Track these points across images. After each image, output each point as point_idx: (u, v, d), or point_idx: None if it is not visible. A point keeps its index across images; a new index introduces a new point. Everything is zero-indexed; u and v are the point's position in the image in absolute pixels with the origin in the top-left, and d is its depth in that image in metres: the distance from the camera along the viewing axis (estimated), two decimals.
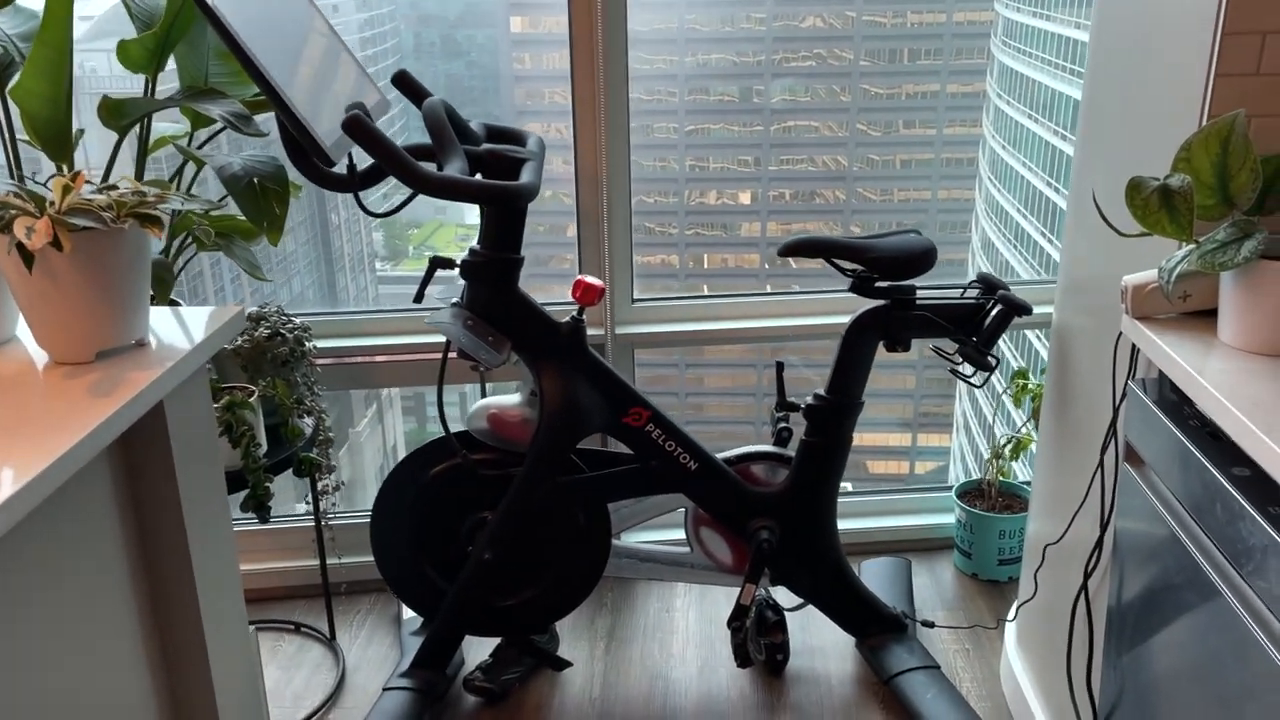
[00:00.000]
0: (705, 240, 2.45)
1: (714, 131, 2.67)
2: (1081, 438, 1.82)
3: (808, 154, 2.70)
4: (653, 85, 2.67)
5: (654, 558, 2.30)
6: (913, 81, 2.64)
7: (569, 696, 2.27)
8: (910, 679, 2.18)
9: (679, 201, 2.82)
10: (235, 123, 1.78)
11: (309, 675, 2.36)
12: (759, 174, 2.78)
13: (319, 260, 3.48)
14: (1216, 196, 1.30)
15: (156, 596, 1.48)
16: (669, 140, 2.71)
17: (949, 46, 2.66)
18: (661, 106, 2.66)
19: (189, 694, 1.54)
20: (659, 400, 2.12)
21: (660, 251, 3.02)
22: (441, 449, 2.14)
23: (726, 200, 2.90)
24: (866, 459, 3.49)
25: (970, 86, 2.67)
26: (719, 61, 2.59)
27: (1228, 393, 1.21)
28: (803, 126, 2.67)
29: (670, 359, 3.34)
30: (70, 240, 1.25)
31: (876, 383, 3.17)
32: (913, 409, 3.49)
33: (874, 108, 2.63)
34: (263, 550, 2.65)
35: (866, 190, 2.76)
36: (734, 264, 2.94)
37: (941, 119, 2.70)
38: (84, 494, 1.31)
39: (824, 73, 2.61)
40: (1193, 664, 1.29)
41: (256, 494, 1.92)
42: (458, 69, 2.63)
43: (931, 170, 2.83)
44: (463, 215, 3.11)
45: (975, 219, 3.22)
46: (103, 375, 1.32)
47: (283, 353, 2.07)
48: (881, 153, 2.73)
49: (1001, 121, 3.41)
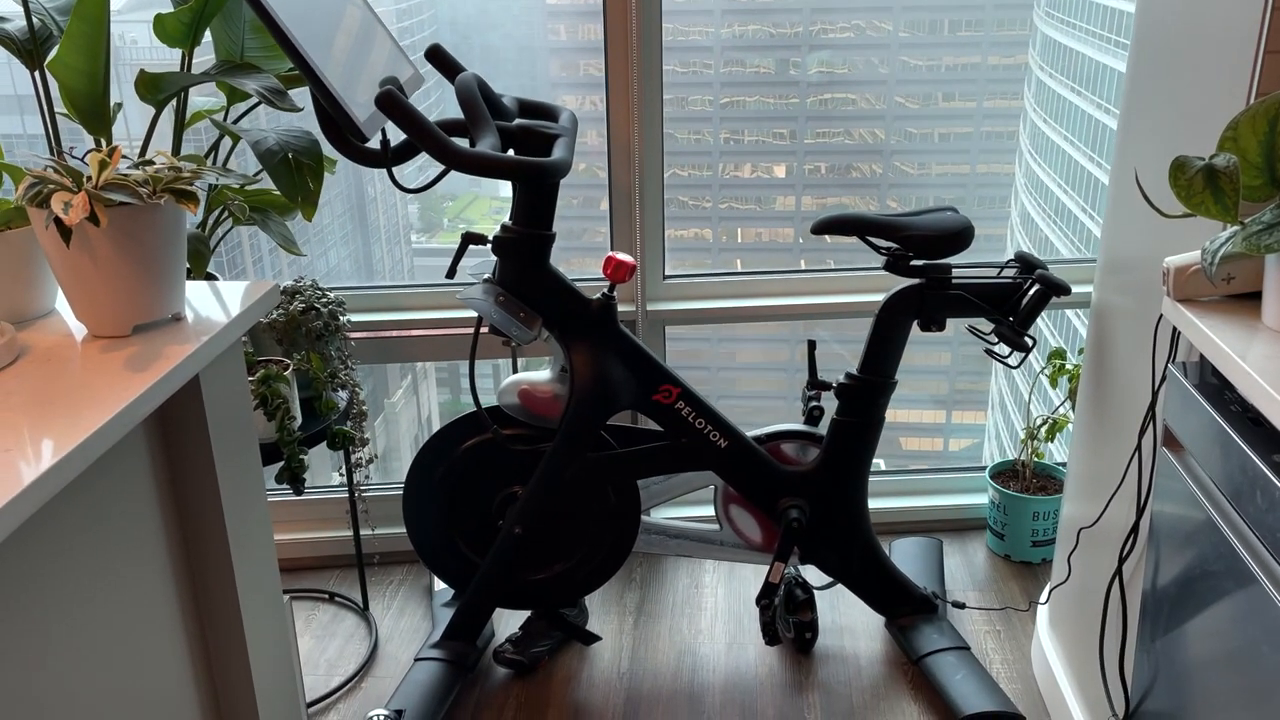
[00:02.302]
0: (739, 214, 2.44)
1: (749, 104, 2.63)
2: (1119, 420, 1.79)
3: (844, 127, 2.65)
4: (687, 57, 2.62)
5: (683, 534, 2.30)
6: (952, 53, 2.58)
7: (597, 670, 2.28)
8: (940, 659, 2.17)
9: (713, 175, 2.79)
10: (270, 97, 1.79)
11: (342, 645, 2.40)
12: (794, 147, 2.74)
13: (355, 233, 3.49)
14: (1264, 177, 1.27)
15: (194, 567, 1.51)
16: (703, 113, 2.67)
17: (990, 18, 2.60)
18: (697, 78, 2.62)
19: (225, 662, 1.57)
20: (690, 374, 2.11)
21: (694, 225, 2.99)
22: (473, 424, 2.15)
23: (761, 174, 2.87)
24: (900, 435, 3.46)
25: (1012, 59, 2.61)
26: (755, 33, 2.55)
27: (1271, 377, 1.18)
28: (840, 99, 2.62)
29: (702, 334, 3.31)
30: (106, 215, 1.26)
31: (911, 359, 3.14)
32: (948, 385, 3.45)
33: (913, 80, 2.58)
34: (298, 521, 2.68)
35: (904, 164, 2.71)
36: (768, 238, 2.91)
37: (982, 92, 2.64)
38: (121, 467, 1.33)
39: (862, 44, 2.56)
40: (1227, 652, 1.27)
41: (291, 466, 1.94)
42: (493, 40, 2.61)
43: (970, 144, 2.77)
44: (498, 189, 3.11)
45: (1015, 194, 3.16)
46: (139, 349, 1.33)
47: (317, 326, 2.08)
48: (920, 126, 2.67)
49: (1043, 95, 3.33)
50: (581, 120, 2.06)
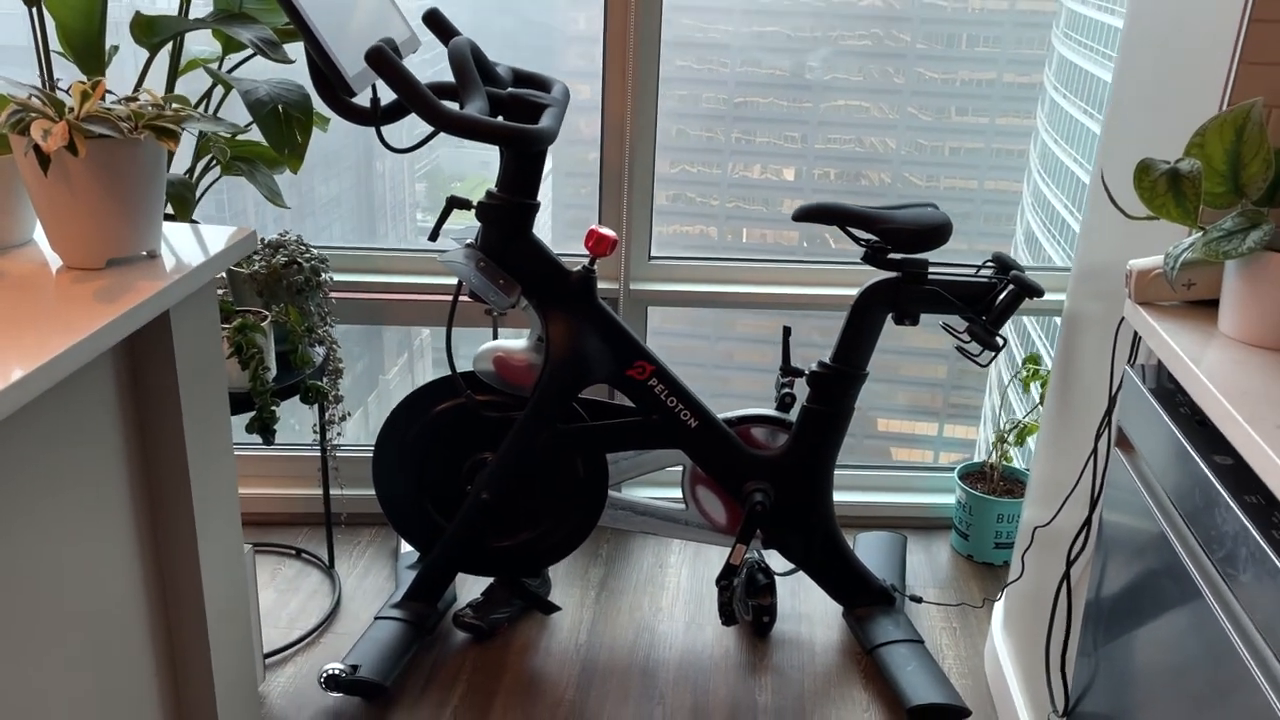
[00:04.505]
0: (745, 214, 2.45)
1: (763, 105, 2.64)
2: (1080, 422, 1.81)
3: (856, 134, 2.67)
4: (706, 54, 2.64)
5: (650, 511, 2.32)
6: (969, 68, 2.60)
7: (555, 640, 2.31)
8: (893, 651, 2.20)
9: (722, 174, 2.79)
10: (264, 48, 1.80)
11: (305, 600, 2.42)
12: (804, 151, 2.75)
13: (360, 207, 3.49)
14: (1227, 185, 1.29)
15: (154, 505, 1.52)
16: (717, 111, 2.69)
17: (1009, 35, 2.62)
18: (713, 76, 2.64)
19: (180, 599, 1.59)
20: (687, 371, 2.13)
21: (700, 222, 2.99)
22: (448, 387, 2.17)
23: (770, 175, 2.88)
24: (892, 445, 3.47)
25: (1027, 77, 2.62)
26: (774, 34, 2.56)
27: (1218, 381, 1.21)
28: (853, 106, 2.63)
29: (700, 330, 3.33)
30: (86, 146, 1.28)
31: (908, 371, 3.15)
32: (942, 399, 3.47)
33: (927, 92, 2.60)
34: (273, 476, 2.70)
35: (912, 175, 2.73)
36: (773, 240, 2.92)
37: (995, 108, 2.66)
38: (87, 397, 1.35)
39: (879, 53, 2.57)
40: (1166, 658, 1.29)
41: (262, 416, 1.96)
42: (512, 26, 2.63)
43: (980, 160, 2.79)
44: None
45: (1021, 212, 3.18)
46: (112, 282, 1.35)
47: (298, 281, 2.09)
48: (931, 138, 2.69)
49: (1056, 115, 3.35)
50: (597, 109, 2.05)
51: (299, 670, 2.19)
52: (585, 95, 2.51)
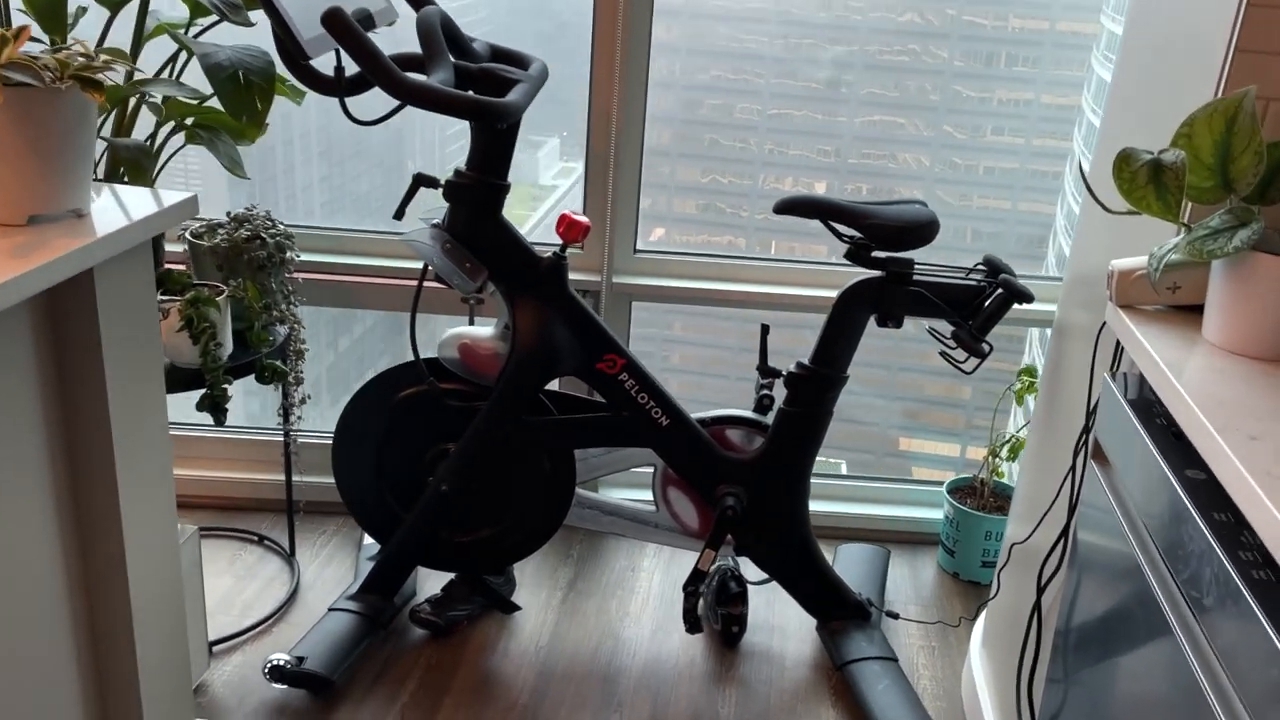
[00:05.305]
0: (775, 226, 2.38)
1: (797, 118, 2.57)
2: (1063, 435, 1.72)
3: (890, 150, 2.61)
4: (741, 64, 2.58)
5: (618, 512, 2.24)
6: (1006, 87, 2.53)
7: (515, 642, 2.22)
8: (864, 668, 2.10)
9: (753, 185, 2.73)
10: (224, 10, 1.74)
11: (262, 588, 2.35)
12: (838, 165, 2.69)
13: (375, 194, 3.43)
14: (1215, 179, 1.20)
15: (77, 481, 1.45)
16: (750, 121, 2.63)
17: (1049, 56, 2.55)
18: (747, 86, 2.59)
19: (102, 585, 1.51)
20: (684, 379, 2.06)
21: (729, 232, 2.93)
22: (412, 373, 2.09)
23: (801, 188, 2.81)
24: (913, 464, 3.40)
25: (1065, 99, 2.55)
26: (810, 47, 2.50)
27: (1193, 389, 1.11)
28: (888, 122, 2.57)
29: (704, 337, 3.24)
30: (2, 93, 1.21)
31: (933, 390, 3.04)
32: (964, 420, 3.38)
33: (963, 110, 2.54)
34: (240, 459, 2.64)
35: (945, 194, 2.66)
36: (801, 252, 2.84)
37: (1032, 129, 2.59)
38: (1, 356, 1.28)
39: (917, 69, 2.51)
40: (1134, 691, 1.20)
41: (213, 394, 1.89)
42: (546, 27, 2.58)
43: (1014, 180, 2.72)
44: (537, 174, 3.01)
45: (1053, 235, 3.09)
46: (31, 238, 1.28)
47: (260, 256, 2.03)
48: (965, 157, 2.62)
49: (1093, 137, 3.26)
50: None
51: (246, 659, 2.11)
52: (650, 105, 2.46)
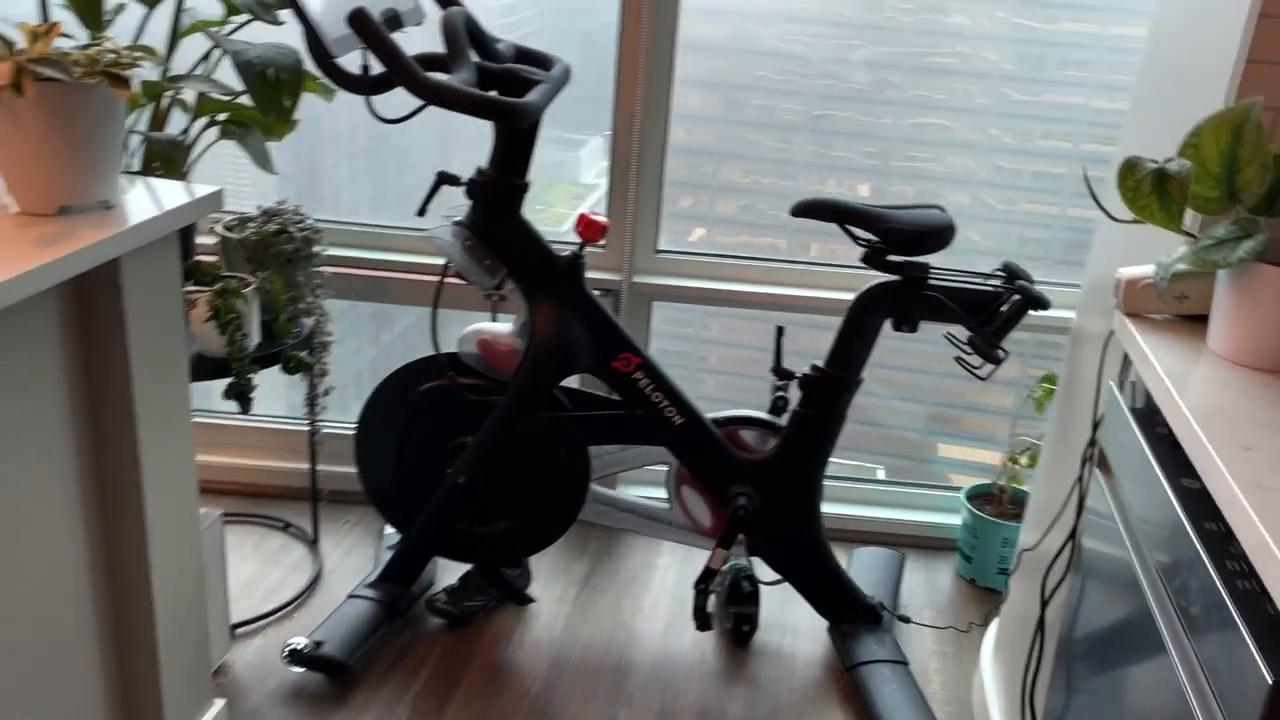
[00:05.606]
0: (815, 228, 2.37)
1: (841, 119, 2.57)
2: (1075, 443, 1.71)
3: (936, 153, 2.59)
4: (785, 64, 2.59)
5: (632, 509, 2.26)
6: (1056, 91, 2.51)
7: (529, 633, 2.25)
8: (874, 670, 2.11)
9: (795, 186, 2.73)
10: (256, 9, 1.78)
11: (285, 573, 2.40)
12: (882, 167, 2.67)
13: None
14: (1221, 189, 1.19)
15: (101, 467, 1.50)
16: (793, 122, 2.63)
17: (1100, 60, 2.52)
18: (791, 87, 2.59)
19: (126, 568, 1.56)
20: (720, 379, 2.06)
21: (769, 234, 2.92)
22: (432, 367, 2.13)
23: (845, 190, 2.80)
24: (952, 471, 3.40)
25: (1115, 104, 2.52)
26: (856, 48, 2.50)
27: (1191, 399, 1.11)
28: (935, 125, 2.56)
29: (740, 338, 3.24)
30: (34, 88, 1.26)
31: (975, 398, 3.01)
32: (1008, 428, 3.39)
33: (1012, 114, 2.52)
34: (270, 448, 2.70)
35: (992, 198, 2.64)
36: (843, 255, 2.83)
37: (1081, 134, 2.56)
38: (26, 346, 1.32)
39: (965, 71, 2.50)
40: (1131, 704, 1.20)
41: (239, 383, 1.94)
42: (592, 26, 2.62)
43: (1062, 185, 2.70)
44: (578, 173, 3.03)
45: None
46: (59, 228, 1.33)
47: (287, 250, 2.07)
48: (1013, 160, 2.61)
49: None
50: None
51: (266, 643, 2.16)
52: (693, 105, 2.52)
